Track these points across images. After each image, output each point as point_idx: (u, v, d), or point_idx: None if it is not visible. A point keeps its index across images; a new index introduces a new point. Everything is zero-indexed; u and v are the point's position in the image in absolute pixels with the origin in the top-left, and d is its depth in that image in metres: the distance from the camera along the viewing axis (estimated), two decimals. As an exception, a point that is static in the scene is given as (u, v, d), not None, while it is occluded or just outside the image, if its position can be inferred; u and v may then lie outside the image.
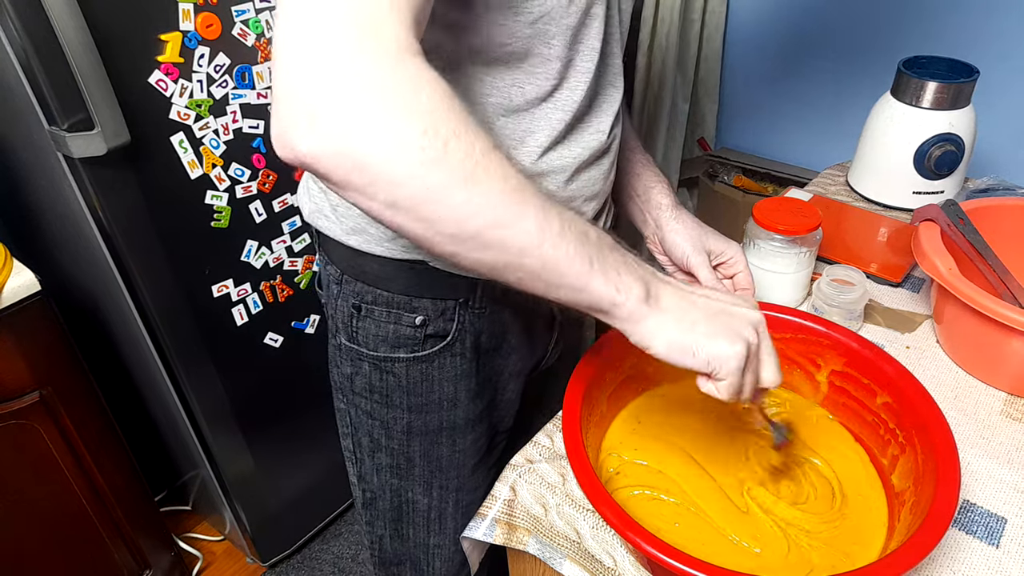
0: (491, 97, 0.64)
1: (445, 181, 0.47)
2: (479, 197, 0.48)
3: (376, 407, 0.83)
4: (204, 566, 1.72)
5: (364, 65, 0.45)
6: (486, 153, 0.48)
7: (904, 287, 1.00)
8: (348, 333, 0.80)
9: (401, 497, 0.89)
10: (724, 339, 0.56)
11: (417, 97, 0.46)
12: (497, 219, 0.49)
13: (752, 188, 1.89)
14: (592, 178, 0.75)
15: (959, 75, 1.10)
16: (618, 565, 0.67)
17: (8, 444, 1.17)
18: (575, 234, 0.52)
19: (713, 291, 0.61)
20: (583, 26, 0.64)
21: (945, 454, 0.61)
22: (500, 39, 0.60)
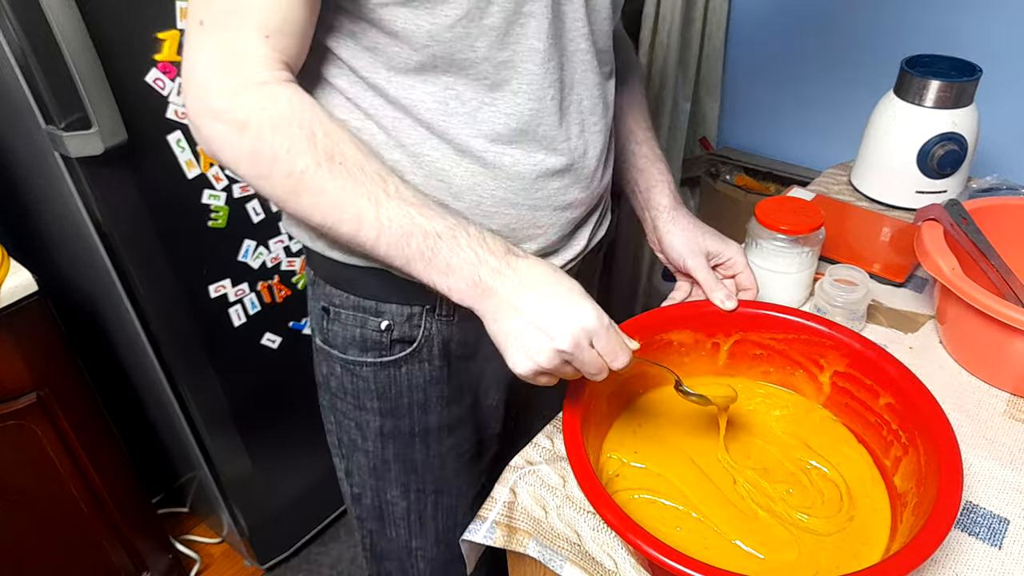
0: (426, 103, 0.65)
1: (277, 193, 0.61)
2: (304, 207, 0.61)
3: (350, 408, 0.84)
4: (202, 568, 1.71)
5: (213, 100, 0.59)
6: (308, 171, 0.59)
7: (907, 287, 1.00)
8: (321, 335, 0.81)
9: (381, 498, 0.89)
10: (522, 355, 0.61)
11: (244, 128, 0.58)
12: (323, 222, 0.61)
13: (754, 187, 1.89)
14: (564, 187, 0.73)
15: (962, 74, 1.09)
16: (619, 568, 0.67)
17: (5, 445, 1.16)
18: (392, 240, 0.61)
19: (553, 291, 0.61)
20: (513, 25, 0.62)
21: (948, 455, 0.61)
22: (421, 42, 0.61)
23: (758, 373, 0.82)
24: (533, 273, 0.62)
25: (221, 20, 0.58)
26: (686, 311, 0.80)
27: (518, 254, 0.63)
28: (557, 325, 0.60)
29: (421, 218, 0.60)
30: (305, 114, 0.59)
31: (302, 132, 0.58)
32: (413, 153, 0.68)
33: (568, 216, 0.76)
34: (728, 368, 0.82)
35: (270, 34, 0.58)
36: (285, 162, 0.58)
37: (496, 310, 0.62)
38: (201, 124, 0.60)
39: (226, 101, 0.58)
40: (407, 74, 0.64)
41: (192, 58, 0.59)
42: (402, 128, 0.67)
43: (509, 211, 0.71)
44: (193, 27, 0.58)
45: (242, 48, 0.58)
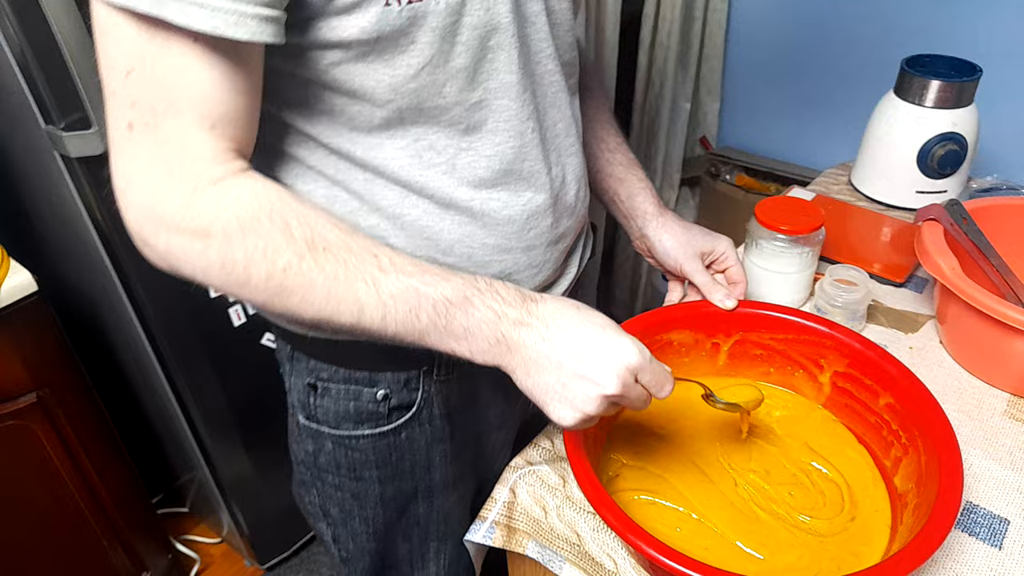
0: (399, 160, 0.61)
1: (259, 298, 0.54)
2: (295, 306, 0.54)
3: (344, 480, 0.78)
4: (202, 568, 1.71)
5: (164, 209, 0.51)
6: (292, 266, 0.52)
7: (907, 287, 1.00)
8: (306, 412, 0.75)
9: (380, 554, 0.85)
10: (567, 408, 0.57)
11: (209, 233, 0.51)
12: (318, 317, 0.55)
13: (754, 187, 1.89)
14: (554, 221, 0.70)
15: (962, 74, 1.09)
16: (619, 568, 0.67)
17: (5, 445, 1.16)
18: (400, 318, 0.55)
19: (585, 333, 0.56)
20: (482, 63, 0.59)
21: (948, 456, 0.61)
22: (383, 98, 0.57)
23: (758, 373, 0.81)
24: (559, 316, 0.57)
25: (155, 119, 0.50)
26: (686, 311, 0.80)
27: (535, 298, 0.58)
28: (601, 370, 0.55)
29: (426, 288, 0.55)
30: (274, 204, 0.53)
31: (275, 226, 0.52)
32: (392, 215, 0.63)
33: (561, 248, 0.74)
34: (728, 368, 0.82)
35: (215, 124, 0.51)
36: (264, 264, 0.52)
37: (527, 364, 0.57)
38: (152, 238, 0.52)
39: (180, 209, 0.51)
40: (372, 133, 0.59)
41: (126, 167, 0.51)
42: (376, 190, 0.62)
43: (504, 257, 0.68)
44: (120, 133, 0.50)
45: (186, 145, 0.51)
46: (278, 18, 0.50)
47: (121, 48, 0.48)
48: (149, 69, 0.48)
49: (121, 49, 0.48)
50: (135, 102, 0.49)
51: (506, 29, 0.58)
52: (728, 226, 1.92)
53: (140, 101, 0.49)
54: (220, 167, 0.52)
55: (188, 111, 0.50)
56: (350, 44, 0.53)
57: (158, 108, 0.49)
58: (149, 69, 0.48)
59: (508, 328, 0.56)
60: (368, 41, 0.53)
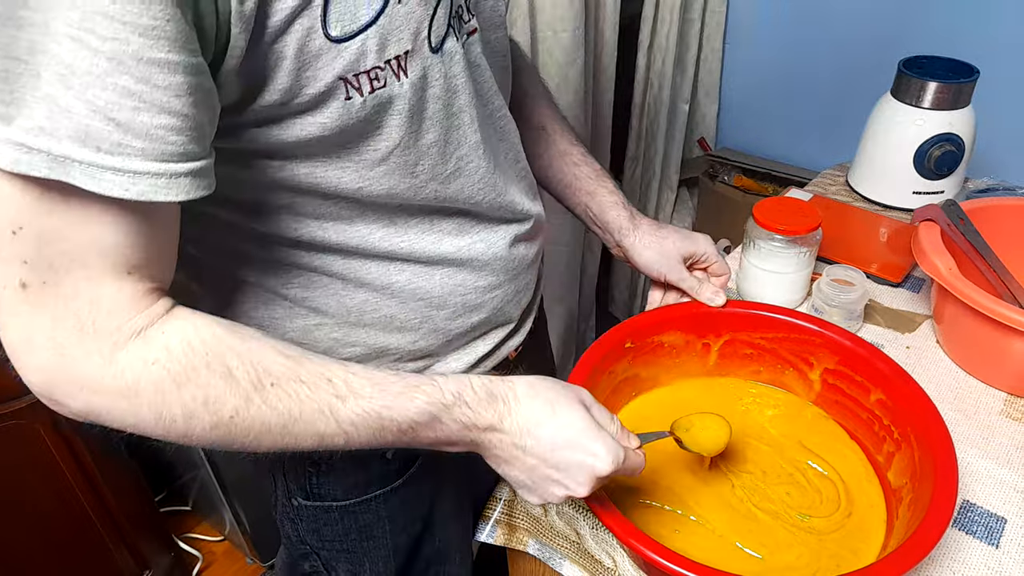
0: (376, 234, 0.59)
1: (206, 443, 0.49)
2: (248, 444, 0.50)
3: (354, 543, 0.75)
4: (204, 566, 1.71)
5: (78, 372, 0.45)
6: (239, 413, 0.48)
7: (904, 287, 1.00)
8: (306, 493, 0.71)
9: None
10: (536, 498, 0.58)
11: (138, 392, 0.45)
12: (278, 448, 0.51)
13: (752, 188, 1.89)
14: (528, 243, 0.71)
15: (959, 75, 1.09)
16: (618, 566, 0.67)
17: (7, 444, 1.16)
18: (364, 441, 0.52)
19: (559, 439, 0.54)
20: (451, 131, 0.57)
21: (941, 450, 0.61)
22: (350, 189, 0.54)
23: (749, 372, 0.82)
24: (532, 420, 0.55)
25: (55, 276, 0.43)
26: (676, 313, 0.80)
27: (508, 399, 0.55)
28: (572, 479, 0.55)
29: (388, 413, 0.51)
30: (209, 347, 0.47)
31: (215, 373, 0.47)
32: (379, 287, 0.61)
33: (535, 268, 0.74)
34: (719, 368, 0.82)
35: (131, 270, 0.45)
36: (206, 415, 0.47)
37: (498, 459, 0.57)
38: (66, 399, 0.46)
39: (100, 368, 0.45)
40: (338, 219, 0.57)
41: (22, 331, 0.44)
42: (357, 267, 0.60)
43: (495, 294, 0.68)
44: (11, 293, 0.43)
45: (98, 299, 0.44)
46: (210, 167, 0.45)
47: (7, 206, 0.41)
48: (46, 226, 0.42)
49: (7, 207, 0.41)
50: (27, 260, 0.42)
51: (463, 88, 0.57)
52: (726, 227, 1.93)
53: (34, 259, 0.42)
54: (141, 316, 0.46)
55: (96, 263, 0.44)
56: (311, 142, 0.50)
57: (57, 263, 0.43)
58: (46, 226, 0.42)
59: (478, 435, 0.55)
60: (330, 136, 0.50)
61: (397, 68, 0.50)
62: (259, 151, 0.51)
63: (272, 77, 0.46)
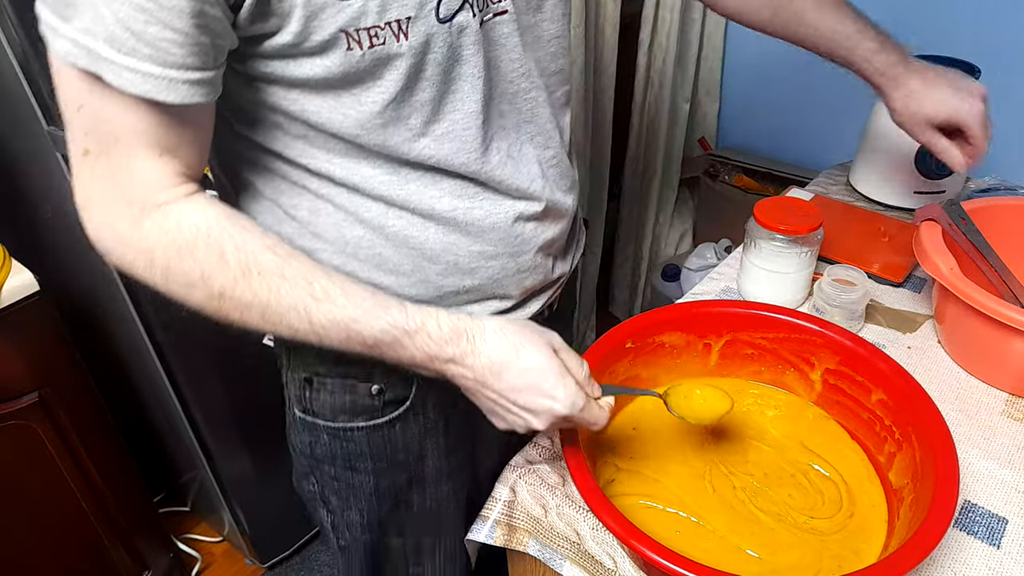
0: (377, 177, 0.63)
1: (205, 311, 0.58)
2: (237, 321, 0.58)
3: (340, 471, 0.80)
4: (203, 567, 1.72)
5: (117, 228, 0.56)
6: (227, 291, 0.56)
7: (905, 287, 1.00)
8: (302, 405, 0.77)
9: (375, 547, 0.87)
10: (502, 423, 0.64)
11: (153, 255, 0.56)
12: (263, 328, 0.59)
13: (753, 188, 1.89)
14: (539, 227, 0.72)
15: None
16: (618, 566, 0.67)
17: (7, 444, 1.16)
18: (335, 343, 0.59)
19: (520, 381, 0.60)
20: (446, 95, 0.60)
21: (943, 450, 0.61)
22: (350, 132, 0.59)
23: (750, 373, 0.82)
24: (496, 359, 0.59)
25: (106, 148, 0.54)
26: (677, 313, 0.80)
27: (474, 337, 0.60)
28: (530, 412, 0.60)
29: (356, 325, 0.58)
30: (211, 230, 0.56)
31: (210, 252, 0.56)
32: (376, 227, 0.65)
33: (549, 253, 0.75)
34: (720, 369, 0.82)
35: (163, 152, 0.55)
36: (201, 286, 0.56)
37: (465, 388, 0.63)
38: (111, 251, 0.57)
39: (131, 230, 0.55)
40: (346, 156, 0.62)
41: (84, 188, 0.56)
42: (358, 203, 0.64)
43: (491, 263, 0.70)
44: (78, 158, 0.55)
45: (135, 172, 0.54)
46: (211, 79, 0.53)
47: (71, 87, 0.52)
48: (96, 107, 0.52)
49: (71, 88, 0.52)
50: (87, 131, 0.53)
51: (469, 60, 0.60)
52: (727, 226, 1.93)
53: (92, 131, 0.53)
54: (165, 192, 0.56)
55: (135, 142, 0.54)
56: (316, 82, 0.56)
57: (107, 139, 0.53)
58: (96, 107, 0.52)
59: (442, 365, 0.60)
60: (333, 80, 0.56)
61: (398, 31, 0.55)
62: (275, 80, 0.57)
63: (285, 22, 0.53)
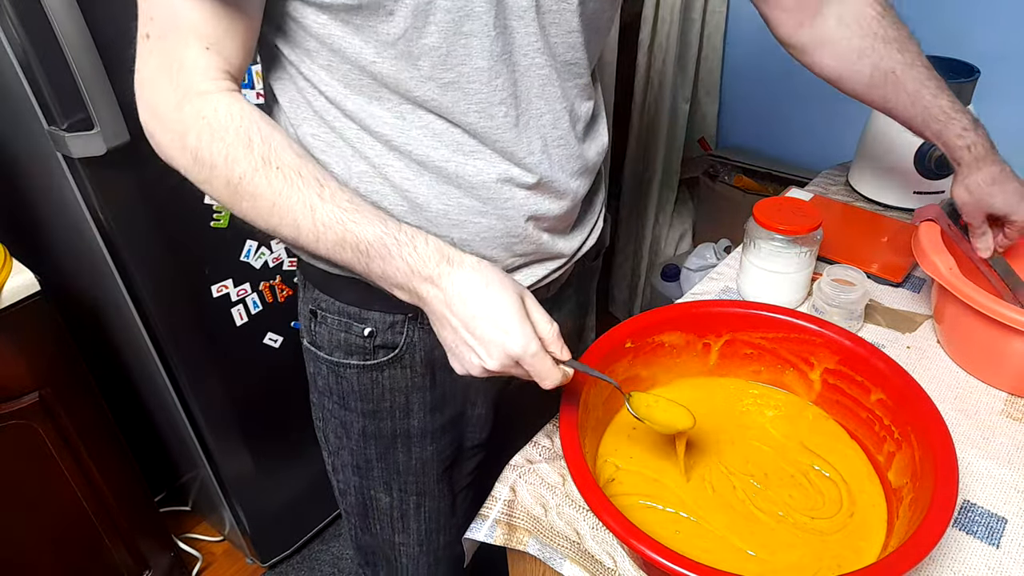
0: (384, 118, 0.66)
1: (219, 196, 0.63)
2: (246, 211, 0.63)
3: (336, 407, 0.85)
4: (203, 566, 1.72)
5: (160, 109, 0.62)
6: (245, 177, 0.61)
7: (905, 287, 1.00)
8: (309, 335, 0.83)
9: (365, 494, 0.91)
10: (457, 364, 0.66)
11: (186, 136, 0.61)
12: (267, 226, 0.63)
13: (753, 188, 1.89)
14: (533, 198, 0.72)
15: (960, 75, 1.09)
16: (618, 566, 0.67)
17: (7, 444, 1.16)
18: (329, 246, 0.62)
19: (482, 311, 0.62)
20: (454, 47, 0.62)
21: (942, 449, 0.61)
22: (367, 59, 0.62)
23: (749, 373, 0.82)
24: (466, 288, 0.62)
25: (164, 33, 0.60)
26: (676, 313, 0.80)
27: (453, 260, 0.63)
28: (485, 346, 0.62)
29: (353, 225, 0.61)
30: (243, 121, 0.61)
31: (238, 139, 0.60)
32: (376, 165, 0.68)
33: (543, 226, 0.75)
34: (719, 368, 0.82)
35: (210, 45, 0.60)
36: (224, 169, 0.60)
37: (432, 316, 0.65)
38: (153, 131, 0.63)
39: (171, 111, 0.61)
40: (361, 93, 0.65)
41: (141, 69, 0.62)
42: (364, 141, 0.68)
43: (478, 219, 0.71)
44: (141, 41, 0.61)
45: (184, 60, 0.60)
46: None
47: None
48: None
49: None
50: (152, 17, 0.60)
51: (480, 17, 0.61)
52: (726, 227, 1.93)
53: (156, 17, 0.60)
54: (208, 82, 0.61)
55: (188, 31, 0.59)
56: (338, 7, 0.59)
57: (167, 24, 0.60)
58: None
59: (418, 283, 0.63)
60: (352, 6, 0.59)
61: None
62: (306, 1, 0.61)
63: None
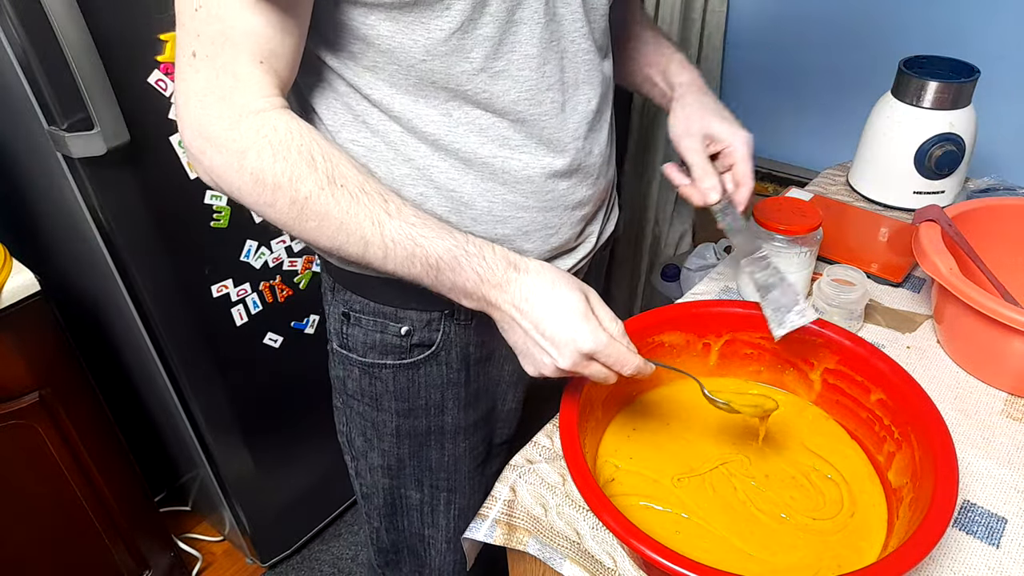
0: (431, 116, 0.66)
1: (282, 219, 0.61)
2: (310, 231, 0.61)
3: (367, 409, 0.85)
4: (203, 566, 1.72)
5: (211, 129, 0.59)
6: (312, 196, 0.59)
7: (905, 287, 1.00)
8: (340, 339, 0.82)
9: (394, 494, 0.91)
10: (530, 366, 0.66)
11: (245, 156, 0.58)
12: (331, 245, 0.62)
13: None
14: (572, 186, 0.74)
15: (960, 75, 1.09)
16: (618, 566, 0.67)
17: (7, 444, 1.16)
18: (398, 262, 0.62)
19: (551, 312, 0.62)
20: (506, 34, 0.63)
21: (942, 449, 0.61)
22: (417, 57, 0.62)
23: (749, 373, 0.82)
24: (534, 290, 0.63)
25: (214, 50, 0.57)
26: (676, 313, 0.80)
27: (519, 267, 0.64)
28: (556, 348, 0.62)
29: (423, 240, 0.61)
30: (304, 139, 0.59)
31: (302, 158, 0.59)
32: (420, 167, 0.68)
33: (579, 214, 0.77)
34: (719, 368, 0.82)
35: (264, 60, 0.59)
36: (289, 189, 0.59)
37: (503, 321, 0.65)
38: (201, 154, 0.60)
39: (226, 130, 0.58)
40: (407, 92, 0.65)
41: (186, 89, 0.59)
42: (409, 142, 0.67)
43: (521, 214, 0.72)
44: (185, 59, 0.58)
45: (238, 76, 0.58)
46: None
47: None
48: (214, 6, 0.56)
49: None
50: (200, 34, 0.57)
51: (531, 4, 0.63)
52: (727, 226, 1.92)
53: (203, 33, 0.57)
54: (263, 100, 0.59)
55: (242, 46, 0.57)
56: (391, 4, 0.59)
57: (217, 41, 0.57)
58: (214, 6, 0.56)
59: (488, 290, 0.63)
60: (406, 3, 0.59)
61: None
62: (354, 1, 0.60)
63: None
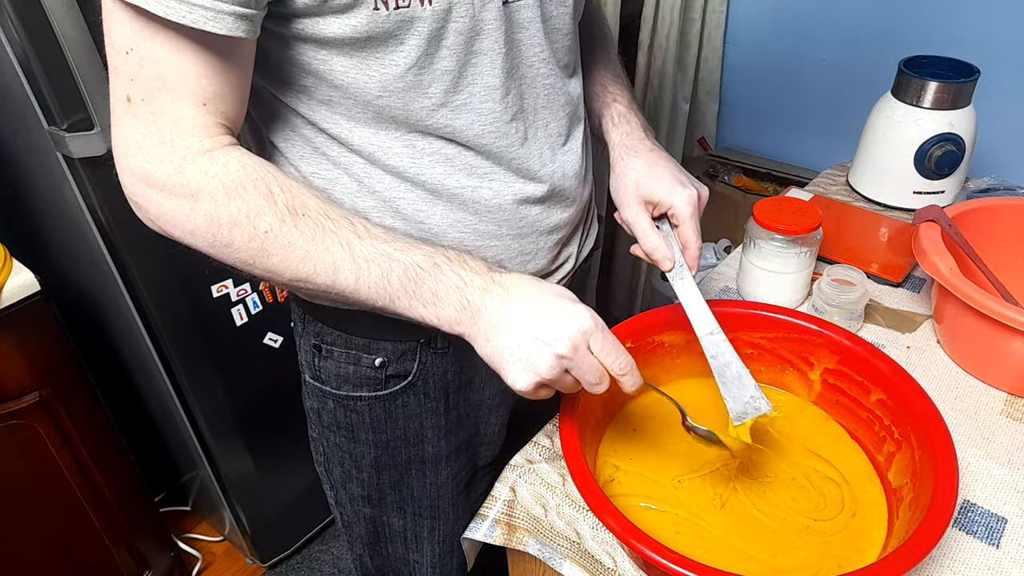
0: (394, 148, 0.64)
1: (242, 257, 0.58)
2: (274, 266, 0.58)
3: (344, 441, 0.82)
4: (203, 566, 1.72)
5: (156, 175, 0.56)
6: (272, 229, 0.57)
7: (905, 287, 1.00)
8: (312, 371, 0.80)
9: (376, 522, 0.89)
10: (521, 369, 0.59)
11: (196, 199, 0.56)
12: (296, 277, 0.59)
13: (753, 188, 1.89)
14: (546, 211, 0.72)
15: (960, 75, 1.09)
16: (618, 566, 0.67)
17: (7, 444, 1.16)
18: (373, 281, 0.59)
19: (543, 299, 0.59)
20: (466, 67, 0.61)
21: (942, 449, 0.61)
22: (373, 93, 0.60)
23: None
24: (519, 285, 0.60)
25: (150, 94, 0.55)
26: (676, 313, 0.80)
27: (500, 272, 0.61)
28: (553, 331, 0.57)
29: (398, 252, 0.58)
30: (258, 173, 0.57)
31: (259, 192, 0.57)
32: (386, 199, 0.66)
33: (554, 238, 0.75)
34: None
35: (207, 101, 0.56)
36: (246, 226, 0.56)
37: (487, 329, 0.59)
38: (147, 202, 0.58)
39: (171, 175, 0.56)
40: (367, 125, 0.63)
41: (124, 135, 0.56)
42: (372, 174, 0.66)
43: (495, 243, 0.70)
44: (120, 104, 0.56)
45: (179, 120, 0.55)
46: (253, 16, 0.54)
47: (122, 30, 0.53)
48: (146, 50, 0.53)
49: (122, 31, 0.53)
50: (133, 78, 0.54)
51: (490, 34, 0.61)
52: (727, 227, 1.93)
53: (137, 78, 0.54)
54: (209, 140, 0.57)
55: (181, 89, 0.55)
56: (343, 41, 0.57)
57: (153, 85, 0.54)
58: (146, 50, 0.53)
59: (473, 294, 0.59)
60: (359, 40, 0.57)
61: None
62: (306, 38, 0.58)
63: None
